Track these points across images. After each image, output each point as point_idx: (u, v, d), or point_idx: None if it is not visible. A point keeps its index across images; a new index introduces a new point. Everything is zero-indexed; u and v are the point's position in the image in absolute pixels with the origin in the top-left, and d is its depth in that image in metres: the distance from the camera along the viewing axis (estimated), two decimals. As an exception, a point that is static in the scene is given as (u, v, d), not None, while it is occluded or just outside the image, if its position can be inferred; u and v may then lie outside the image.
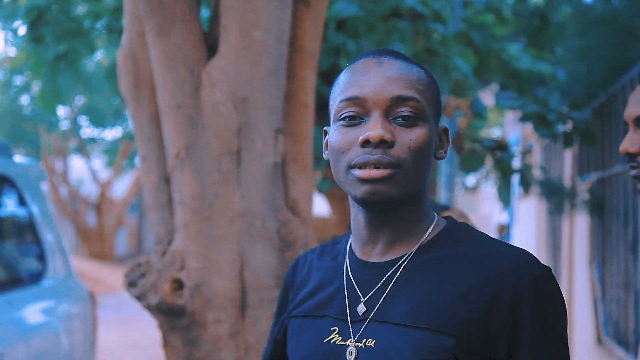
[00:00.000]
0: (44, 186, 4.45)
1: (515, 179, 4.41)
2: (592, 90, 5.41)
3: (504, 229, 13.77)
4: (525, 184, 4.31)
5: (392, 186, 1.20)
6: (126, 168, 21.32)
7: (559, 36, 5.61)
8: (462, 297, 1.19)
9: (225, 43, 2.44)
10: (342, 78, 1.30)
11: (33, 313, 3.76)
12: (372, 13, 4.39)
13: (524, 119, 4.28)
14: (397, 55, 1.29)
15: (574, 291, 6.88)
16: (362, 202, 1.23)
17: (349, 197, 1.30)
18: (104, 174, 23.20)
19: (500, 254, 1.22)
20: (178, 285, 2.49)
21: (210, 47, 2.54)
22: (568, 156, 7.23)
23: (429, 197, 1.33)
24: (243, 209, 2.46)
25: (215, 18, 2.53)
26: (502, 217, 16.78)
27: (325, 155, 1.34)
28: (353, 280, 1.30)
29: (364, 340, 1.24)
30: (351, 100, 1.24)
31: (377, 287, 1.27)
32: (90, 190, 23.35)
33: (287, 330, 1.40)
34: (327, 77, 4.60)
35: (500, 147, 4.34)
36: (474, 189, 22.39)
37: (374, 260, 1.30)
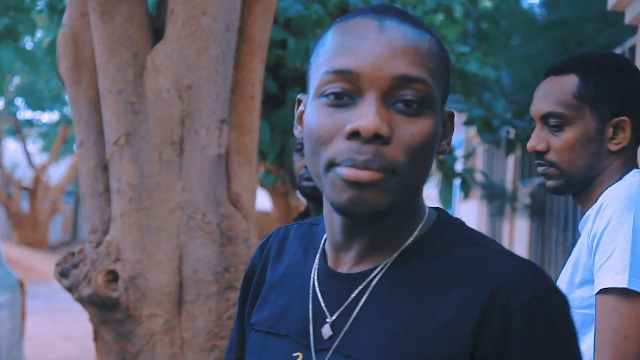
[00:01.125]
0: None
1: (457, 182, 4.44)
2: (536, 96, 5.47)
3: None
4: (466, 188, 4.34)
5: (382, 194, 0.92)
6: (63, 153, 20.85)
7: (504, 41, 5.67)
8: (442, 328, 0.92)
9: (172, 28, 2.36)
10: (330, 40, 0.98)
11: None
12: (317, 12, 4.36)
13: (468, 122, 4.30)
14: (403, 18, 0.97)
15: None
16: (343, 211, 0.94)
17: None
18: (40, 158, 22.65)
19: (490, 269, 0.94)
20: (112, 277, 2.41)
21: (157, 31, 2.46)
22: (510, 160, 7.33)
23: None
24: (183, 200, 2.40)
25: (162, 2, 2.45)
26: None
27: (297, 132, 1.06)
28: (319, 293, 1.03)
29: None
30: (340, 74, 0.94)
31: (344, 306, 1.00)
32: (24, 174, 22.76)
33: (248, 340, 1.14)
34: (272, 71, 4.55)
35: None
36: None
37: (344, 270, 1.02)
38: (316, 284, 1.04)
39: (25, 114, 19.56)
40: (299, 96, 1.07)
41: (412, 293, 0.96)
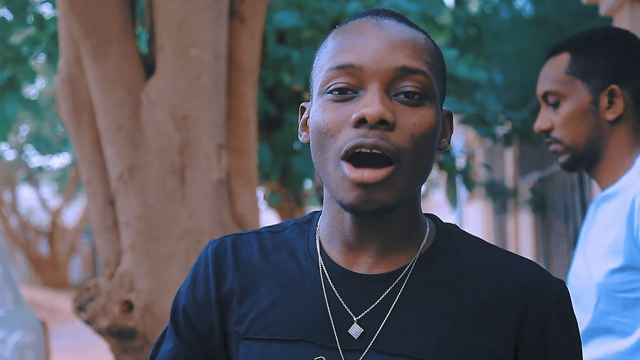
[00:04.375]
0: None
1: (460, 180, 4.48)
2: (527, 93, 5.51)
3: None
4: (469, 183, 4.38)
5: (389, 189, 0.94)
6: (77, 194, 20.97)
7: (494, 42, 5.71)
8: (487, 325, 0.98)
9: (163, 63, 2.41)
10: (331, 42, 1.01)
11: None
12: (315, 23, 4.39)
13: (464, 121, 4.35)
14: (400, 18, 1.02)
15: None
16: (351, 209, 0.96)
17: (326, 192, 1.03)
18: (55, 201, 22.76)
19: (515, 268, 1.02)
20: (128, 307, 2.44)
21: (149, 67, 2.50)
22: (509, 158, 7.35)
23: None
24: (190, 227, 2.43)
25: (151, 39, 2.50)
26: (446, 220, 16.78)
27: (302, 138, 1.06)
28: (338, 295, 1.00)
29: None
30: (343, 69, 0.97)
31: (373, 305, 0.99)
32: (41, 219, 22.87)
33: (238, 355, 1.05)
34: (271, 93, 4.60)
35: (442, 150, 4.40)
36: (422, 196, 22.56)
37: (363, 271, 1.01)
38: (332, 285, 1.01)
39: (36, 160, 19.71)
40: (303, 104, 1.10)
41: (447, 292, 1.00)
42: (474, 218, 11.22)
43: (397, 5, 4.27)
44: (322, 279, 1.02)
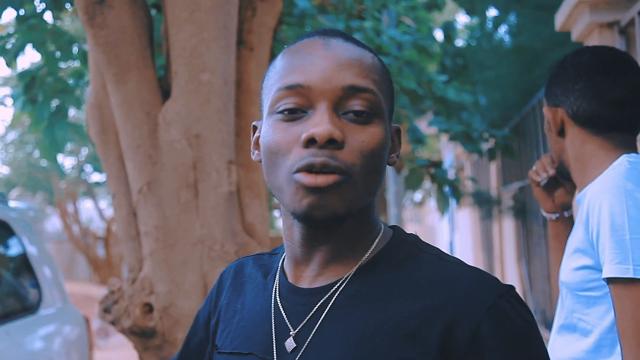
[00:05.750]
0: (41, 225, 4.21)
1: (449, 191, 4.29)
2: (507, 113, 5.34)
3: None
4: (457, 194, 4.18)
5: (338, 198, 0.81)
6: (128, 206, 20.95)
7: (478, 70, 5.54)
8: (408, 335, 0.80)
9: (177, 87, 2.24)
10: (280, 62, 0.87)
11: (32, 339, 3.50)
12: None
13: (452, 138, 4.16)
14: (347, 37, 0.89)
15: (506, 284, 6.77)
16: (304, 216, 0.83)
17: (282, 208, 0.89)
18: (110, 211, 22.76)
19: (451, 277, 0.83)
20: (148, 308, 2.27)
21: (165, 91, 2.34)
22: (493, 170, 7.15)
23: (377, 207, 0.93)
24: (203, 235, 2.26)
25: (167, 65, 2.34)
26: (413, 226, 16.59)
27: (254, 157, 0.92)
28: (282, 309, 0.90)
29: None
30: (292, 89, 0.83)
31: (306, 319, 0.87)
32: (98, 226, 22.87)
33: None
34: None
35: (434, 165, 4.21)
36: (420, 204, 22.38)
37: (305, 285, 0.89)
38: (278, 301, 0.91)
39: (94, 177, 19.72)
40: (254, 123, 0.95)
41: (375, 303, 0.84)
42: (463, 224, 10.98)
43: (392, 37, 4.09)
44: (273, 295, 0.93)
